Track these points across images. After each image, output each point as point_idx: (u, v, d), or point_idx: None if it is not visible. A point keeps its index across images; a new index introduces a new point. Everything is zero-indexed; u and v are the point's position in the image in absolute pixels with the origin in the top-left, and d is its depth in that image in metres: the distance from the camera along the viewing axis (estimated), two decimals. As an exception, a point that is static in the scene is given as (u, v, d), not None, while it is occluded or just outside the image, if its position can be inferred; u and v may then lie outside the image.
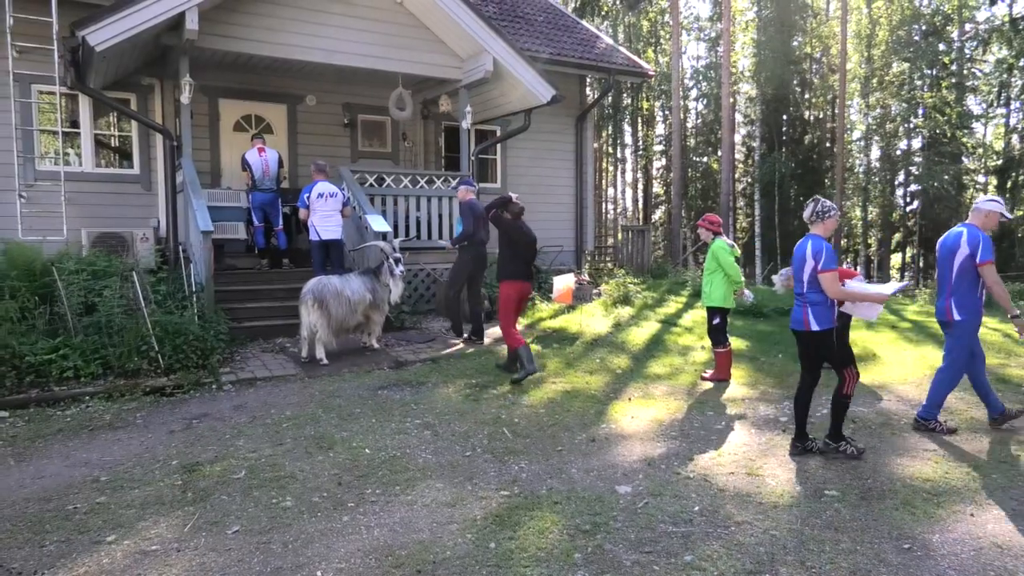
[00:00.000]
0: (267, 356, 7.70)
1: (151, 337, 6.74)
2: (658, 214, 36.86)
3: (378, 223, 8.89)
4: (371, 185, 10.30)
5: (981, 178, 27.22)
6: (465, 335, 8.59)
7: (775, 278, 8.48)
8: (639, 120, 34.89)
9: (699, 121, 32.92)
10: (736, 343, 8.64)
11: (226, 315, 7.90)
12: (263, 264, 9.79)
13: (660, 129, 35.38)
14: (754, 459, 4.97)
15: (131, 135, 10.66)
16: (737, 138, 32.35)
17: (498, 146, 13.48)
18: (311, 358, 7.43)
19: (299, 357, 7.54)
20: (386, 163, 12.49)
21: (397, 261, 7.77)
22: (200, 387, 6.56)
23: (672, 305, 11.87)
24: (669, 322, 10.25)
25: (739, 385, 7.06)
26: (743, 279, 7.23)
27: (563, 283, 9.55)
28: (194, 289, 7.88)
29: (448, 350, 8.14)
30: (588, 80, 14.93)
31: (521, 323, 9.80)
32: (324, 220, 8.59)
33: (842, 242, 28.19)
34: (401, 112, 11.06)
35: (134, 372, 6.57)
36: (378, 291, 7.80)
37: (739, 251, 7.22)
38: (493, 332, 9.05)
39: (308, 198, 8.49)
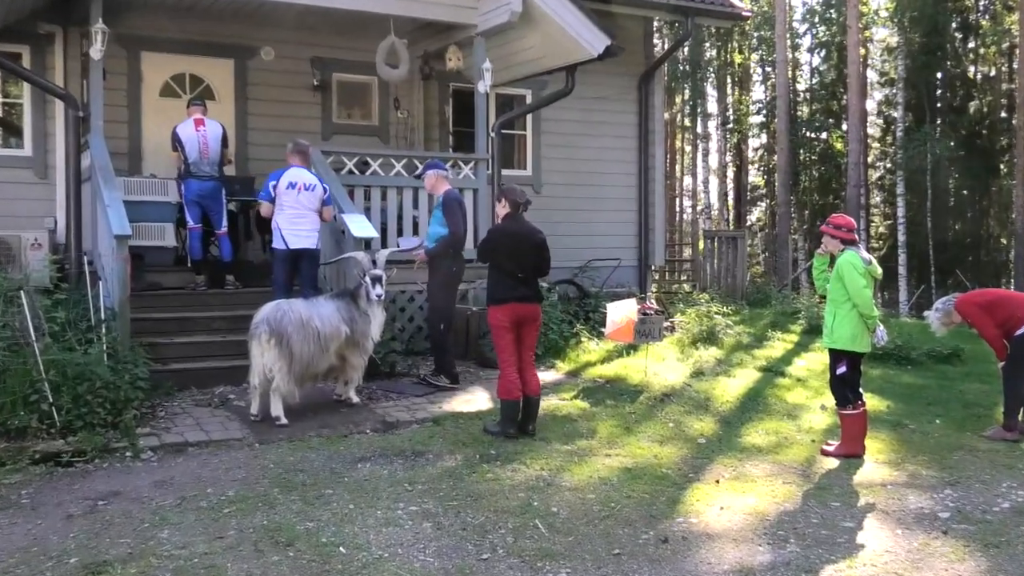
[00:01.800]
0: (202, 412, 7.77)
1: (43, 383, 6.84)
2: (756, 214, 36.81)
3: (359, 226, 9.02)
4: (350, 172, 10.46)
5: None
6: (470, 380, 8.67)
7: (932, 315, 8.41)
8: (729, 81, 34.99)
9: (815, 82, 32.93)
10: (872, 402, 8.55)
11: (147, 353, 8.02)
12: (199, 282, 9.97)
13: (759, 93, 35.44)
14: (903, 574, 4.91)
15: (21, 102, 10.95)
16: (870, 105, 32.30)
17: (528, 118, 13.62)
18: (264, 415, 7.50)
19: (247, 414, 7.61)
20: (371, 141, 12.67)
21: (376, 281, 7.86)
22: (109, 454, 6.62)
23: (777, 345, 11.78)
24: (773, 370, 10.17)
25: (877, 463, 6.99)
26: (878, 311, 7.19)
27: (620, 313, 9.57)
28: (103, 317, 8.01)
29: (455, 405, 8.17)
30: (656, 25, 15.05)
31: (561, 368, 9.84)
32: (294, 221, 8.71)
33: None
34: (393, 70, 11.23)
35: (19, 432, 6.64)
36: (358, 322, 7.89)
37: (879, 270, 7.19)
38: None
39: (274, 187, 8.65)
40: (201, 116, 9.96)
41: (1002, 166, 28.09)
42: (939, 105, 29.15)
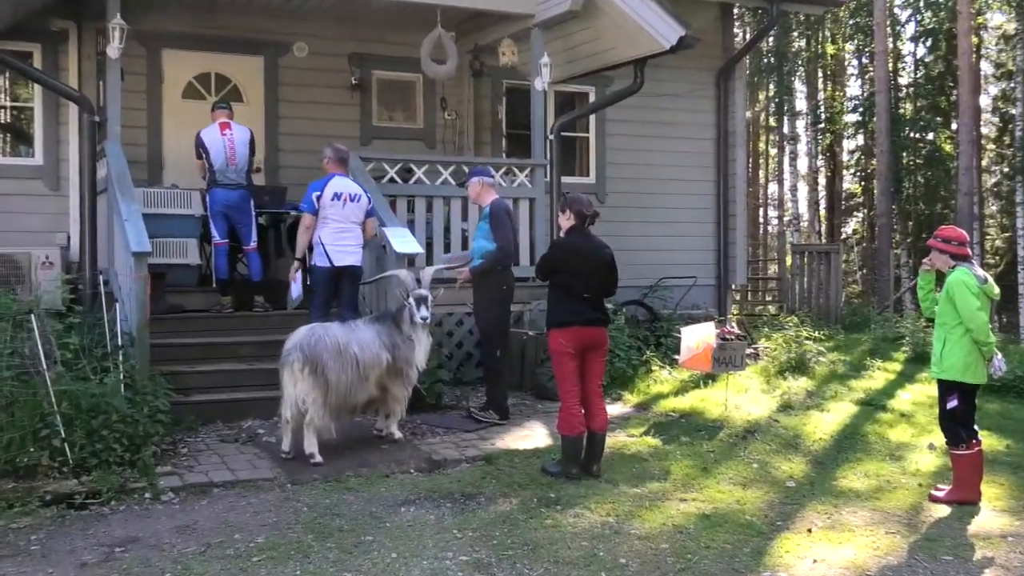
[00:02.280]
0: (229, 448, 7.87)
1: (55, 416, 6.95)
2: (852, 225, 36.38)
3: (402, 241, 9.10)
4: (391, 181, 10.56)
5: None
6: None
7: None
8: (820, 74, 34.71)
9: (919, 75, 32.50)
10: (989, 440, 8.38)
11: (168, 383, 8.12)
12: (225, 304, 10.13)
13: (854, 88, 35.10)
14: (1022, 636, 4.79)
15: (32, 106, 11.24)
16: (984, 101, 31.79)
17: (591, 119, 13.67)
18: (297, 453, 7.57)
19: (278, 451, 7.69)
20: (415, 146, 12.80)
21: (421, 302, 7.90)
22: (127, 495, 6.71)
23: (877, 375, 11.62)
24: (873, 403, 10.04)
25: (995, 511, 6.85)
26: (994, 337, 7.04)
27: (696, 338, 9.52)
28: (120, 343, 8.14)
29: (510, 442, 8.18)
30: (737, 13, 15.01)
31: (629, 400, 9.80)
32: (339, 236, 8.79)
33: None
34: (440, 67, 11.33)
35: (29, 470, 6.76)
36: (401, 348, 7.94)
37: (996, 289, 7.06)
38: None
39: (318, 198, 8.73)
40: (227, 120, 10.14)
41: None
42: (1065, 99, 28.55)
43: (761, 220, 37.49)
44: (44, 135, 11.14)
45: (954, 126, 28.11)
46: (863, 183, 33.86)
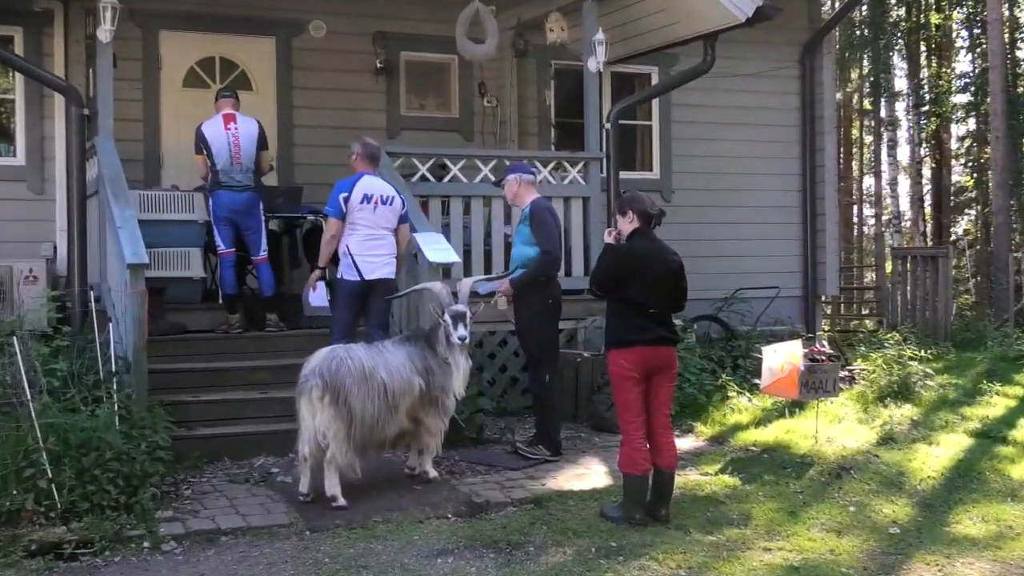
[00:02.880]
0: (238, 490, 7.89)
1: (41, 454, 6.98)
2: (963, 225, 35.92)
3: (436, 248, 9.14)
4: (423, 179, 10.60)
5: None
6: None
7: None
8: (924, 49, 34.36)
9: (1042, 47, 32.10)
10: None
11: (168, 415, 8.17)
12: (232, 323, 10.21)
13: (964, 64, 34.68)
14: None
15: (12, 98, 11.43)
16: (1120, 77, 31.29)
17: (654, 104, 13.66)
18: (316, 494, 7.57)
19: (295, 492, 7.70)
20: (450, 138, 12.88)
21: (458, 319, 7.88)
22: (123, 544, 6.73)
23: (996, 401, 11.47)
24: (990, 435, 9.93)
25: None
26: None
27: (780, 359, 9.44)
28: (114, 368, 8.19)
29: (563, 481, 8.16)
30: (824, -22, 14.91)
31: (702, 432, 9.76)
32: (369, 245, 8.77)
33: None
34: (478, 46, 11.37)
35: (11, 516, 6.79)
36: (436, 373, 7.94)
37: None
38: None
39: (345, 200, 8.73)
40: (232, 111, 10.18)
41: None
42: None
43: (855, 220, 37.16)
44: (26, 131, 11.31)
45: (1083, 108, 27.69)
46: (976, 175, 33.41)
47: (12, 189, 11.18)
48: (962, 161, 34.81)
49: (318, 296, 8.94)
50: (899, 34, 33.29)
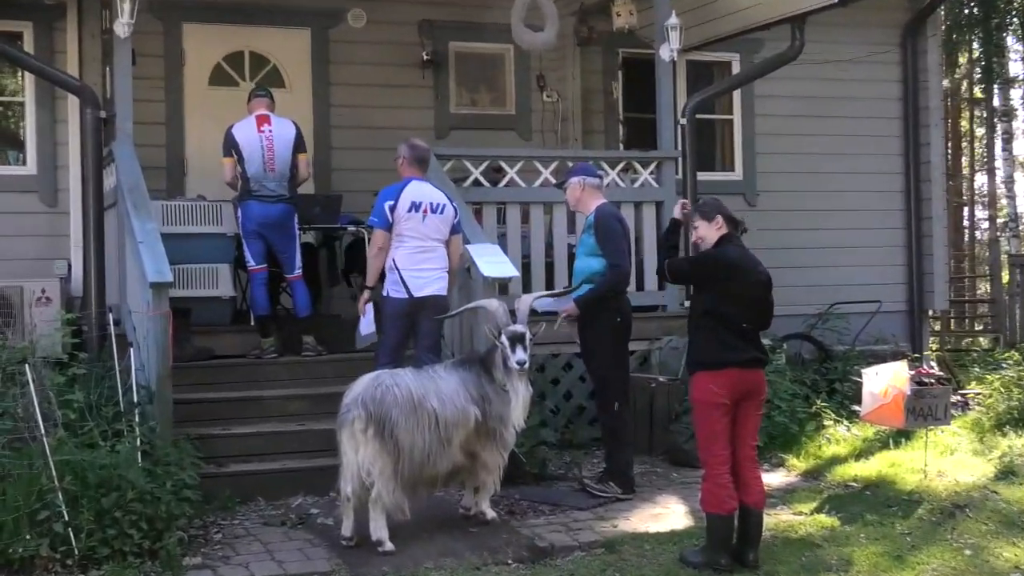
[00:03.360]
0: (274, 533, 7.89)
1: (56, 494, 7.01)
2: (1091, 227, 35.44)
3: (491, 261, 9.15)
4: (476, 183, 10.64)
5: None
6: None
7: None
8: (1043, 28, 33.99)
9: None
10: None
11: (196, 450, 8.21)
12: (266, 347, 10.20)
13: (1090, 46, 34.23)
14: None
15: (22, 100, 11.53)
16: None
17: (735, 96, 13.63)
18: (361, 538, 7.54)
19: (337, 536, 7.68)
20: (506, 137, 12.90)
21: (516, 341, 7.82)
22: (147, 595, 6.82)
23: None
24: None
25: None
26: None
27: (883, 383, 9.35)
28: (136, 399, 8.23)
29: (637, 522, 8.11)
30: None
31: (795, 467, 9.69)
32: (417, 257, 8.72)
33: None
34: (536, 35, 11.36)
35: (24, 563, 6.82)
36: (493, 401, 7.89)
37: None
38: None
39: (392, 209, 8.70)
40: (267, 112, 10.21)
41: None
42: None
43: (966, 223, 36.70)
44: (37, 137, 11.38)
45: None
46: (1105, 171, 33.03)
47: (22, 201, 11.25)
48: (1089, 156, 34.38)
49: (367, 322, 8.89)
50: (1014, 12, 32.94)
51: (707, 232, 7.26)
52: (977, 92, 35.54)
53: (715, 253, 7.24)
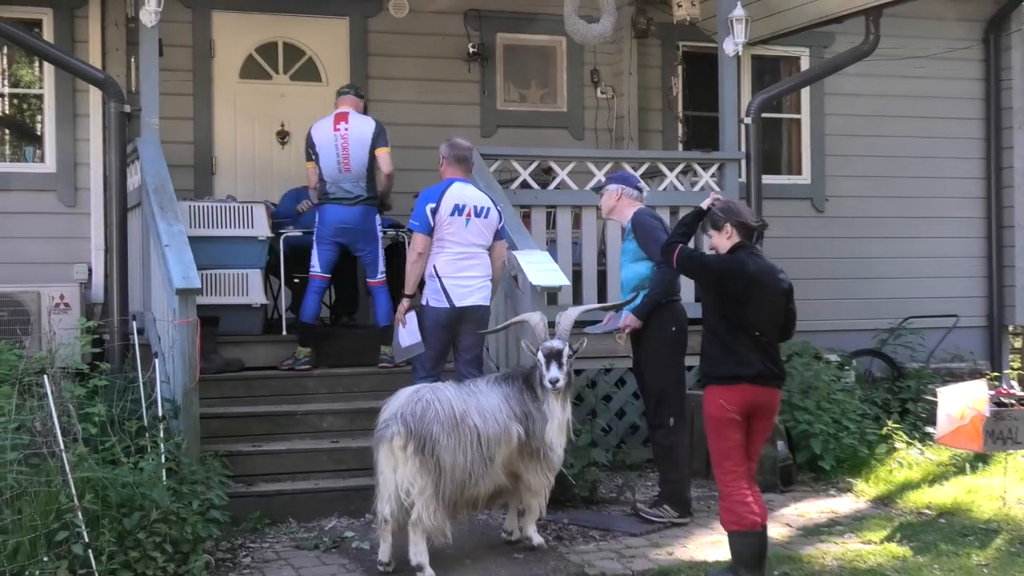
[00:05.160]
0: (307, 558, 7.88)
1: (76, 514, 7.00)
2: None
3: (540, 269, 9.09)
4: (524, 186, 10.61)
5: None
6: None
7: None
8: None
9: None
10: None
11: (224, 468, 8.25)
12: (301, 356, 10.12)
13: None
14: None
15: (41, 93, 11.59)
16: None
17: (803, 95, 13.56)
18: (399, 564, 7.54)
19: (373, 561, 7.67)
20: (557, 136, 12.91)
21: (552, 357, 7.73)
22: (172, 623, 6.83)
23: None
24: None
25: None
26: None
27: (960, 403, 9.26)
28: (161, 413, 8.23)
29: (695, 549, 8.09)
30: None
31: (863, 492, 9.62)
32: (459, 264, 8.67)
33: None
34: (591, 26, 11.33)
35: (43, 587, 6.93)
36: (537, 420, 7.83)
37: None
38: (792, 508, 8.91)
39: (433, 212, 8.62)
40: (348, 109, 10.14)
41: None
42: None
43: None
44: (57, 132, 11.42)
45: None
46: None
47: (40, 201, 11.30)
48: None
49: (410, 332, 8.82)
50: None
51: (719, 241, 7.24)
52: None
53: (721, 260, 7.19)
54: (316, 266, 10.09)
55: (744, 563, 7.00)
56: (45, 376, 7.60)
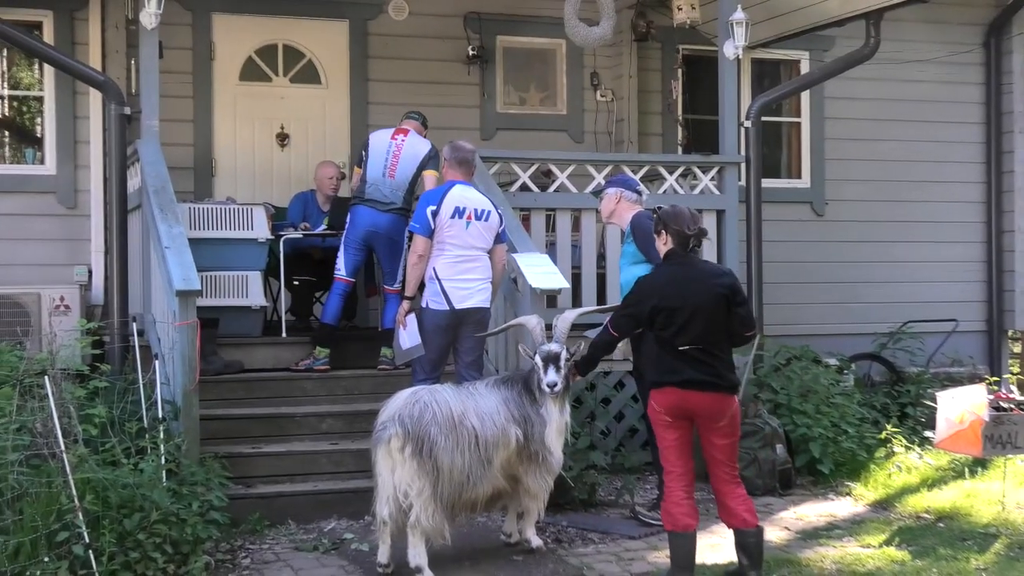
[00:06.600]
0: (306, 559, 7.91)
1: (76, 515, 7.03)
2: None
3: (540, 272, 9.13)
4: (524, 188, 10.68)
5: None
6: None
7: None
8: None
9: None
10: None
11: (224, 470, 8.28)
12: (320, 356, 10.21)
13: None
14: None
15: (41, 95, 11.64)
16: None
17: (803, 98, 13.61)
18: (398, 565, 7.55)
19: (372, 563, 7.68)
20: (556, 139, 12.93)
21: (549, 361, 7.74)
22: (171, 624, 6.86)
23: None
24: None
25: None
26: None
27: (959, 408, 9.28)
28: (161, 415, 8.28)
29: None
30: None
31: (862, 496, 9.67)
32: (459, 267, 8.72)
33: None
34: (591, 29, 11.33)
35: (42, 588, 6.94)
36: (535, 423, 7.84)
37: None
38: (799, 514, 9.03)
39: (434, 215, 8.68)
40: (410, 128, 10.33)
41: None
42: None
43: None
44: (57, 134, 11.45)
45: None
46: None
47: (40, 203, 11.34)
48: None
49: (410, 334, 8.85)
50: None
51: (659, 245, 7.34)
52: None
53: (635, 287, 7.36)
54: (341, 269, 10.17)
55: (679, 565, 7.08)
56: (46, 377, 7.64)
